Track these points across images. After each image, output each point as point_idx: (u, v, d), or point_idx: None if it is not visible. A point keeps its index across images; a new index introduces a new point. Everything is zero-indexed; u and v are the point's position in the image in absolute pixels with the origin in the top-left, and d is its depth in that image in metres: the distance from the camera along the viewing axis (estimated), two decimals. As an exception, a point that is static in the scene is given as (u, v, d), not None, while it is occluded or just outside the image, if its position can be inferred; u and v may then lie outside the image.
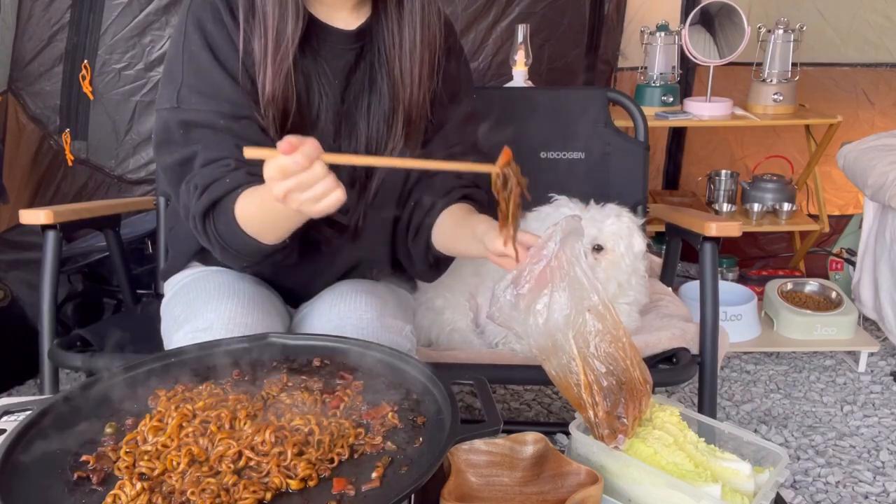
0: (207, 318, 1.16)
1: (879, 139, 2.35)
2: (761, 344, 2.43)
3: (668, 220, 1.72)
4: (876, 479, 1.85)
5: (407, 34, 1.20)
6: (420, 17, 1.20)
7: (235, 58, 1.15)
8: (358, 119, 1.24)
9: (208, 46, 1.15)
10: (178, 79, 1.15)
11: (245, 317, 1.16)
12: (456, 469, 0.92)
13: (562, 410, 2.15)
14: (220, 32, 1.15)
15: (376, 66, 1.24)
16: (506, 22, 2.56)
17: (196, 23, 1.15)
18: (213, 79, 1.15)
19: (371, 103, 1.24)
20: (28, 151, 2.25)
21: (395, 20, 1.21)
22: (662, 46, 2.57)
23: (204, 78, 1.15)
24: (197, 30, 1.15)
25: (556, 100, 1.90)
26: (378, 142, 1.25)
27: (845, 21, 2.86)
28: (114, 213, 1.73)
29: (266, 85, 1.14)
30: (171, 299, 1.32)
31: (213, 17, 1.15)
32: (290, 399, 0.88)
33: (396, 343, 1.20)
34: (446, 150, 1.27)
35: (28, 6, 2.12)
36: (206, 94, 1.14)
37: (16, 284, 2.23)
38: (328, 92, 1.21)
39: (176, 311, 1.26)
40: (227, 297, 1.19)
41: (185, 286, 1.30)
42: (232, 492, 0.73)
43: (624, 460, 0.93)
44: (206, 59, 1.14)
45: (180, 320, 1.21)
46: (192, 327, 1.16)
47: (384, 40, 1.22)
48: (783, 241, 3.09)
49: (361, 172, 1.25)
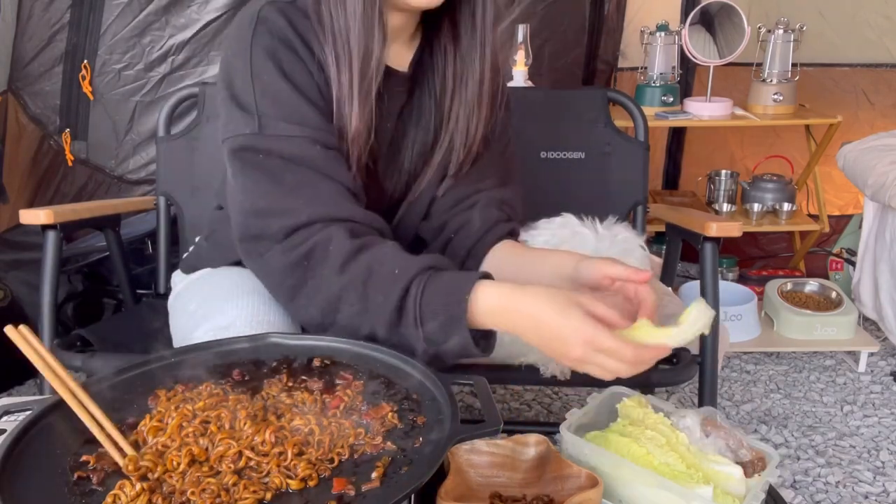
0: (229, 314, 1.12)
1: (879, 139, 2.36)
2: (761, 344, 2.43)
3: (668, 220, 1.72)
4: (876, 479, 1.85)
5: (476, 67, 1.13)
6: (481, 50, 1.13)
7: (314, 88, 1.05)
8: (404, 154, 1.20)
9: (284, 75, 1.04)
10: (252, 109, 1.03)
11: (267, 314, 1.12)
12: (456, 469, 0.92)
13: (562, 410, 2.15)
14: (293, 60, 1.05)
15: (425, 102, 1.19)
16: (506, 22, 2.56)
17: (265, 51, 1.04)
18: (297, 107, 1.04)
19: (417, 139, 1.19)
20: (28, 151, 2.25)
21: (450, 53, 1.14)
22: (662, 46, 2.57)
23: (286, 107, 1.03)
24: (269, 59, 1.03)
25: (556, 100, 1.90)
26: (413, 175, 1.20)
27: (845, 21, 2.86)
28: (114, 213, 1.73)
29: (353, 120, 1.05)
30: (183, 292, 1.27)
31: (285, 46, 1.04)
32: (290, 399, 0.88)
33: None
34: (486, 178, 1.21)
35: (28, 6, 2.12)
36: (293, 121, 1.03)
37: (16, 284, 2.23)
38: (382, 132, 1.14)
39: (191, 306, 1.21)
40: (247, 293, 1.14)
41: (199, 280, 1.26)
42: (232, 492, 0.73)
43: (615, 461, 0.92)
44: (284, 88, 1.03)
45: (198, 317, 1.17)
46: (213, 325, 1.12)
47: (436, 75, 1.16)
48: (783, 241, 3.09)
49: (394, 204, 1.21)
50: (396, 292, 0.93)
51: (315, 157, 1.03)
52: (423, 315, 0.93)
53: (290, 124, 1.03)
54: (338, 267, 0.97)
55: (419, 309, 0.93)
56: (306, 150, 1.03)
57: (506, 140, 1.27)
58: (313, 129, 1.04)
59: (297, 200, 1.00)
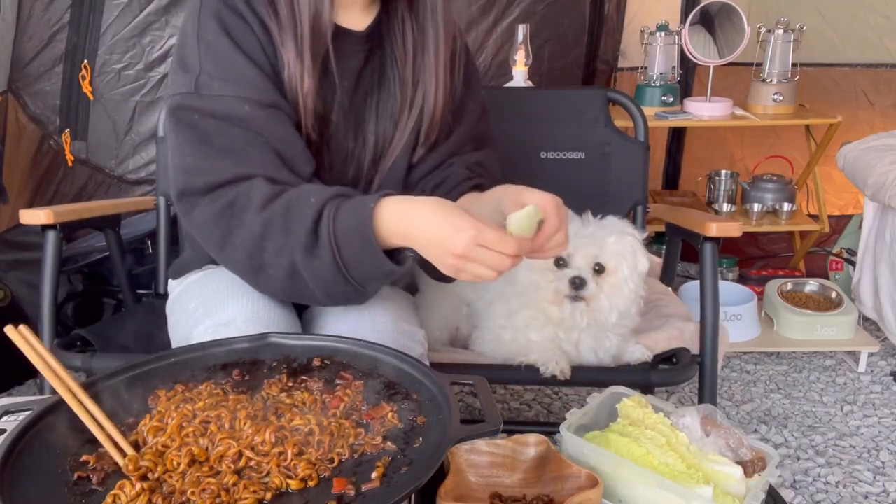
0: (230, 312, 1.13)
1: (879, 139, 2.36)
2: (761, 344, 2.43)
3: (668, 220, 1.72)
4: (876, 479, 1.85)
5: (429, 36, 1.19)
6: (438, 19, 1.19)
7: (257, 47, 1.11)
8: (367, 116, 1.23)
9: (227, 34, 1.10)
10: (195, 68, 1.09)
11: (268, 310, 1.13)
12: (456, 469, 0.92)
13: (562, 410, 2.15)
14: (238, 22, 1.11)
15: (387, 65, 1.23)
16: (506, 22, 2.56)
17: (212, 13, 1.10)
18: (235, 65, 1.09)
19: (380, 101, 1.23)
20: (28, 151, 2.25)
21: (408, 21, 1.20)
22: (662, 46, 2.57)
23: (224, 65, 1.09)
24: (213, 19, 1.10)
25: (556, 100, 1.90)
26: (384, 140, 1.24)
27: (845, 21, 2.86)
28: (114, 213, 1.73)
29: (305, 79, 1.10)
30: (181, 294, 1.28)
31: (229, 8, 1.12)
32: (290, 399, 0.88)
33: (409, 348, 1.17)
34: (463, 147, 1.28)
35: (28, 6, 2.12)
36: (228, 79, 1.08)
37: (16, 284, 2.23)
38: (338, 90, 1.19)
39: (191, 306, 1.22)
40: (247, 291, 1.15)
41: (197, 281, 1.27)
42: (232, 492, 0.73)
43: (615, 461, 0.92)
44: (225, 45, 1.09)
45: (198, 315, 1.17)
46: (213, 322, 1.13)
47: (397, 41, 1.22)
48: (783, 241, 3.09)
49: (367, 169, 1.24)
50: (311, 216, 0.99)
51: (246, 116, 1.07)
52: (336, 232, 0.98)
53: (226, 83, 1.08)
54: (258, 208, 1.02)
55: (332, 226, 0.98)
56: (238, 109, 1.07)
57: (478, 111, 1.33)
58: (249, 87, 1.08)
59: (224, 161, 1.05)
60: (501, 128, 1.89)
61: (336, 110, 1.20)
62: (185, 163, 1.08)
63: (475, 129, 1.31)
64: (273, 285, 1.09)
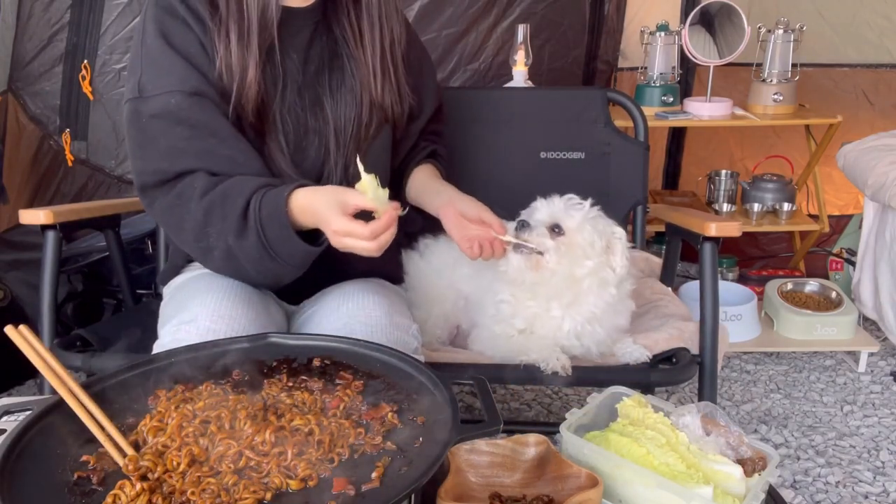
0: (193, 310, 1.17)
1: (879, 139, 2.36)
2: (761, 344, 2.43)
3: (668, 220, 1.72)
4: (876, 479, 1.85)
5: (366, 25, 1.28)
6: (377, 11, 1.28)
7: (192, 41, 1.19)
8: (321, 93, 1.28)
9: (161, 35, 1.19)
10: (137, 72, 1.20)
11: (230, 309, 1.17)
12: (456, 468, 0.92)
13: (562, 410, 2.15)
14: (172, 21, 1.19)
15: (338, 45, 1.30)
16: (506, 22, 2.56)
17: (152, 17, 1.20)
18: (166, 63, 1.18)
19: (333, 78, 1.29)
20: (28, 151, 2.25)
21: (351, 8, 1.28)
22: (662, 46, 2.57)
23: (158, 64, 1.19)
24: (152, 22, 1.20)
25: (556, 100, 1.90)
26: (347, 116, 1.29)
27: (845, 21, 2.86)
28: (114, 213, 1.73)
29: (251, 64, 1.18)
30: (167, 302, 1.34)
31: (167, 11, 1.20)
32: (290, 399, 0.88)
33: (404, 341, 1.21)
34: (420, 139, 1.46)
35: (28, 6, 2.12)
36: (161, 77, 1.18)
37: (16, 284, 2.23)
38: (288, 65, 1.25)
39: (167, 309, 1.29)
40: (214, 291, 1.21)
41: (179, 287, 1.32)
42: (232, 492, 0.73)
43: (615, 461, 0.92)
44: (158, 46, 1.19)
45: (169, 317, 1.23)
46: (178, 320, 1.18)
47: (342, 24, 1.29)
48: (783, 241, 3.09)
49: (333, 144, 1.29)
50: (241, 204, 1.13)
51: (173, 108, 1.17)
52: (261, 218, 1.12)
53: (158, 81, 1.18)
54: (199, 197, 1.15)
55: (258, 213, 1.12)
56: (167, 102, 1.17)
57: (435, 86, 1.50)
58: (175, 79, 1.17)
59: (169, 159, 1.18)
60: (501, 128, 1.90)
61: (289, 84, 1.25)
62: (138, 164, 1.21)
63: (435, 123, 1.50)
64: (217, 265, 1.23)
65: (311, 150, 1.28)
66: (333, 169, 1.29)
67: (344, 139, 1.29)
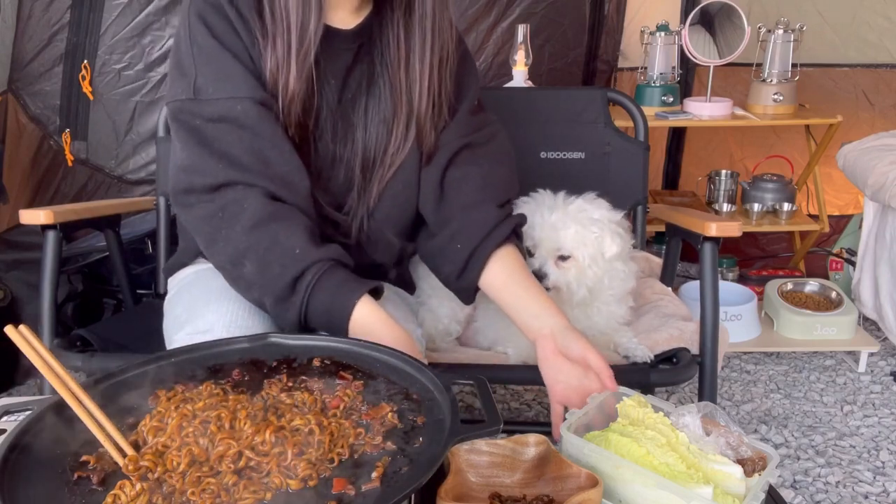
0: (208, 319, 1.15)
1: (879, 139, 2.36)
2: (761, 344, 2.43)
3: (668, 220, 1.72)
4: (876, 479, 1.85)
5: (416, 41, 1.18)
6: (431, 24, 1.18)
7: (241, 48, 1.14)
8: (355, 121, 1.23)
9: (213, 35, 1.14)
10: (191, 73, 1.14)
11: (247, 319, 1.14)
12: (456, 469, 0.92)
13: (562, 410, 2.15)
14: (223, 24, 1.14)
15: (377, 70, 1.22)
16: (506, 22, 2.56)
17: (198, 16, 1.14)
18: (225, 66, 1.13)
19: (369, 106, 1.23)
20: (28, 151, 2.26)
21: (400, 25, 1.19)
22: (662, 46, 2.57)
23: (216, 67, 1.13)
24: (200, 22, 1.14)
25: (556, 100, 1.90)
26: (377, 146, 1.23)
27: (845, 21, 2.86)
28: (114, 213, 1.73)
29: (291, 83, 1.13)
30: (173, 297, 1.30)
31: (215, 10, 1.14)
32: (290, 399, 0.88)
33: None
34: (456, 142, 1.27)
35: (28, 6, 2.12)
36: (221, 81, 1.13)
37: (16, 284, 2.23)
38: (326, 91, 1.20)
39: (177, 310, 1.25)
40: (229, 298, 1.17)
41: (189, 284, 1.28)
42: (232, 492, 0.73)
43: (615, 461, 0.92)
44: (213, 46, 1.13)
45: (181, 320, 1.20)
46: (193, 328, 1.15)
47: (388, 44, 1.21)
48: (783, 241, 3.09)
49: (359, 175, 1.24)
50: (292, 271, 1.06)
51: (239, 115, 1.12)
52: (309, 302, 1.06)
53: (219, 85, 1.13)
54: (247, 228, 1.09)
55: (308, 296, 1.06)
56: (232, 109, 1.12)
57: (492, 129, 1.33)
58: (241, 86, 1.13)
59: (220, 162, 1.12)
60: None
61: (324, 110, 1.20)
62: (185, 163, 1.14)
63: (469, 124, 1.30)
64: (238, 289, 1.16)
65: (336, 180, 1.23)
66: (356, 200, 1.24)
67: (370, 170, 1.24)
